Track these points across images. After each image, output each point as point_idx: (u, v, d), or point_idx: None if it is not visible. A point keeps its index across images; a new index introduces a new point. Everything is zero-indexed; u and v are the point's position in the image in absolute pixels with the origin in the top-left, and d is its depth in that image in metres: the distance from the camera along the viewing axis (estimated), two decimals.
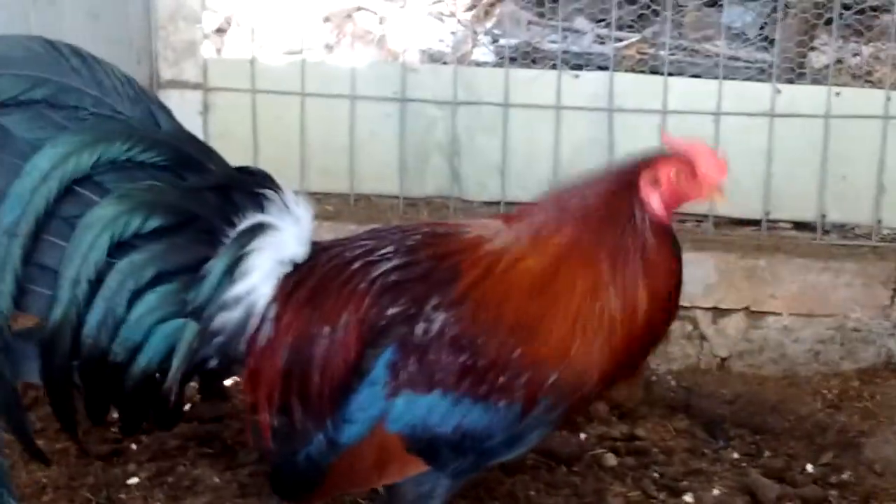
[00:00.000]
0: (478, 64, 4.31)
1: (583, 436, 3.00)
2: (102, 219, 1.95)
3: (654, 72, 3.82)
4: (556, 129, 3.63)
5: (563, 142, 3.63)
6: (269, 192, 2.12)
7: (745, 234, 3.58)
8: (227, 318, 2.07)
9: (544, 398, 2.00)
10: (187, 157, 2.05)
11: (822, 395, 3.25)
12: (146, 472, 2.70)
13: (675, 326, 3.43)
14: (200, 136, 3.52)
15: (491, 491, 2.68)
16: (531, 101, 3.65)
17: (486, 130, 3.68)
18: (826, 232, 3.57)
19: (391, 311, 2.05)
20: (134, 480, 2.67)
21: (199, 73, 3.77)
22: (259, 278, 2.08)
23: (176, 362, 2.03)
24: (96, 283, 1.96)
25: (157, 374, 2.04)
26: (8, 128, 1.92)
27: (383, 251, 2.14)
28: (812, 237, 3.54)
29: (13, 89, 1.92)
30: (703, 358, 3.44)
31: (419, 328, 2.02)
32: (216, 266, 2.04)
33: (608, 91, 3.60)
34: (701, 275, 3.39)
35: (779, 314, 3.38)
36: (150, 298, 2.00)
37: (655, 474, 2.85)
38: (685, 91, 3.61)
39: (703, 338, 3.43)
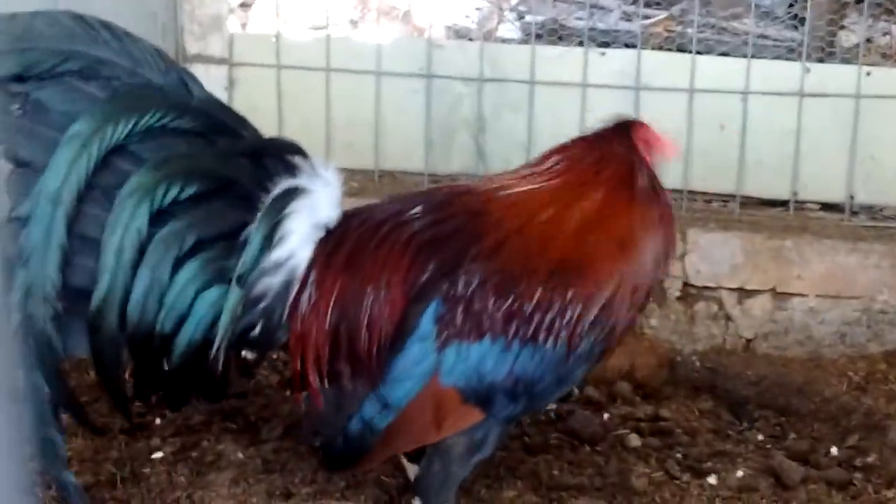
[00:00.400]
0: (504, 41, 4.28)
1: (606, 416, 3.00)
2: (142, 187, 1.96)
3: (681, 50, 3.79)
4: (581, 106, 3.60)
5: (589, 120, 3.59)
6: (298, 158, 2.13)
7: (772, 214, 3.55)
8: (268, 284, 2.09)
9: (586, 335, 2.10)
10: (220, 123, 2.07)
11: (848, 377, 3.22)
12: (170, 446, 2.71)
13: (701, 307, 3.41)
14: None
15: (514, 470, 2.68)
16: (557, 78, 3.62)
17: (512, 107, 3.66)
18: (854, 213, 3.54)
19: (431, 266, 2.10)
20: (158, 455, 2.68)
21: (224, 47, 3.76)
22: (297, 242, 2.10)
23: (221, 330, 2.04)
24: (139, 252, 1.96)
25: (204, 344, 2.04)
26: (43, 101, 1.93)
27: (412, 212, 2.19)
28: (840, 218, 3.51)
29: (47, 62, 1.94)
30: (728, 339, 3.42)
31: (461, 280, 2.07)
32: (256, 231, 2.06)
33: (635, 69, 3.57)
34: (727, 255, 3.37)
35: (805, 295, 3.35)
36: (193, 266, 2.02)
37: (679, 455, 2.83)
38: (713, 69, 3.58)
39: (728, 318, 3.41)
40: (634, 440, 2.88)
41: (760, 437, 2.98)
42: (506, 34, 4.51)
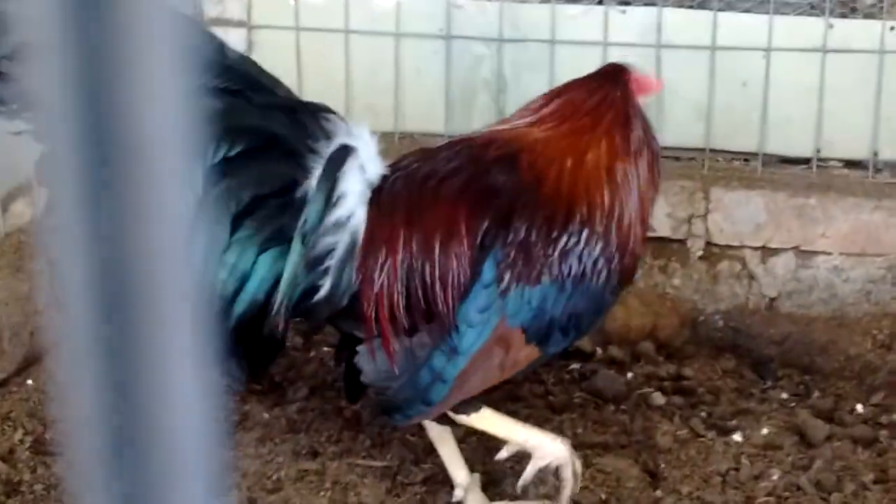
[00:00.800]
0: (523, 0, 4.25)
1: (630, 375, 3.00)
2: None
3: (702, 7, 3.75)
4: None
5: None
6: (332, 117, 2.13)
7: (795, 172, 3.52)
8: (330, 244, 2.09)
9: (616, 270, 2.30)
10: (256, 82, 2.07)
11: (873, 335, 3.20)
12: None
13: (724, 266, 3.40)
14: None
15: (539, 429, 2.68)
16: (578, 37, 3.60)
17: (533, 68, 3.63)
18: (878, 170, 3.51)
19: (489, 215, 2.19)
20: None
21: (242, 11, 3.75)
22: (354, 202, 2.10)
23: (283, 288, 2.02)
24: (196, 211, 1.93)
25: (265, 307, 2.03)
26: None
27: (451, 165, 2.26)
28: (864, 175, 3.48)
29: None
30: (751, 298, 3.40)
31: (516, 228, 2.19)
32: (318, 190, 2.04)
33: (656, 27, 3.54)
34: (749, 214, 3.35)
35: (829, 254, 3.33)
36: (252, 224, 2.00)
37: (703, 413, 2.84)
38: (735, 26, 3.54)
39: (751, 277, 3.39)
40: (658, 399, 2.88)
41: (784, 395, 2.97)
42: None
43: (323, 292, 2.12)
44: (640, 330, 3.18)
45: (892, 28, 3.45)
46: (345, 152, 2.10)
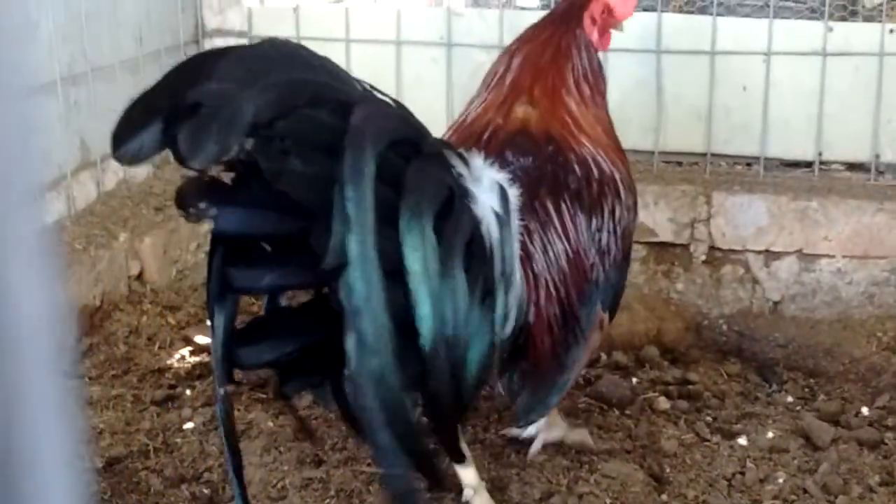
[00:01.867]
0: (522, 8, 4.26)
1: (635, 380, 2.99)
2: (418, 209, 1.72)
3: (702, 12, 3.76)
4: None
5: (610, 85, 3.56)
6: (453, 149, 1.93)
7: (797, 176, 3.52)
8: (516, 285, 2.01)
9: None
10: (420, 129, 1.82)
11: (877, 337, 3.20)
12: (201, 416, 2.72)
13: (727, 270, 3.40)
14: None
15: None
16: None
17: None
18: (880, 172, 3.51)
19: (580, 213, 2.28)
20: (189, 425, 2.69)
21: (243, 21, 3.76)
22: (517, 236, 2.01)
23: (500, 336, 1.94)
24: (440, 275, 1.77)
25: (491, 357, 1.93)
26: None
27: (527, 169, 2.27)
28: (866, 178, 3.48)
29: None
30: (755, 302, 3.40)
31: (598, 216, 2.30)
32: (498, 231, 1.93)
33: (656, 32, 3.55)
34: (752, 218, 3.35)
35: (832, 256, 3.33)
36: (472, 278, 1.83)
37: (709, 418, 2.83)
38: (735, 31, 3.55)
39: (755, 281, 3.39)
40: (663, 403, 2.87)
41: (789, 398, 2.97)
42: (525, 3, 4.49)
43: (507, 331, 2.01)
44: (644, 335, 3.17)
45: (891, 31, 3.45)
46: (502, 191, 1.97)
